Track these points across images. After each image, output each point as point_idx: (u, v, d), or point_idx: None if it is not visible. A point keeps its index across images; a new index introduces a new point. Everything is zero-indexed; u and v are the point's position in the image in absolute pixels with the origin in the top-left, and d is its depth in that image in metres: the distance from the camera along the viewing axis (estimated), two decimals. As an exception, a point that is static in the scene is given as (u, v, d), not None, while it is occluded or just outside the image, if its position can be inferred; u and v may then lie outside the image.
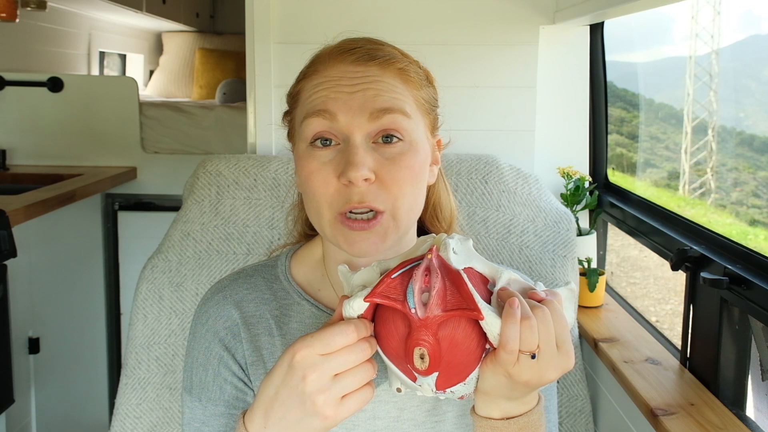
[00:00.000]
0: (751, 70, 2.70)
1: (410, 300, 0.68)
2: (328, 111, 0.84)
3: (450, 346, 0.68)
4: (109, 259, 2.96)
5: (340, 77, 0.86)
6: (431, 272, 0.69)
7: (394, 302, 0.69)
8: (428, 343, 0.68)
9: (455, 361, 0.69)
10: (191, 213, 1.35)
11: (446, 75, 1.60)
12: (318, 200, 0.84)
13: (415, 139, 0.86)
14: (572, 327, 0.71)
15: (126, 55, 4.58)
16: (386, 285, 0.70)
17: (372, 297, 0.70)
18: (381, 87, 0.85)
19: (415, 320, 0.68)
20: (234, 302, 0.93)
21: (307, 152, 0.86)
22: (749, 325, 1.10)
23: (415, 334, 0.68)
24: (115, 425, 1.30)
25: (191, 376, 0.92)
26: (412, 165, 0.85)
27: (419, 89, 0.90)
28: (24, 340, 2.32)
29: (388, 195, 0.83)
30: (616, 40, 1.76)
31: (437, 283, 0.68)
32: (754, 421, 1.05)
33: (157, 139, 3.10)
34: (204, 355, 0.91)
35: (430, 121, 0.92)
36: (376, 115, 0.83)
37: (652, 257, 2.76)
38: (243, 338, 0.91)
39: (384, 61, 0.87)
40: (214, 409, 0.90)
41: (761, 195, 2.49)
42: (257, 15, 1.58)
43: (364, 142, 0.83)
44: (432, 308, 0.67)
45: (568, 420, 1.33)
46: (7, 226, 1.91)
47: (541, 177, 1.49)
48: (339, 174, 0.82)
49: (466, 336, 0.69)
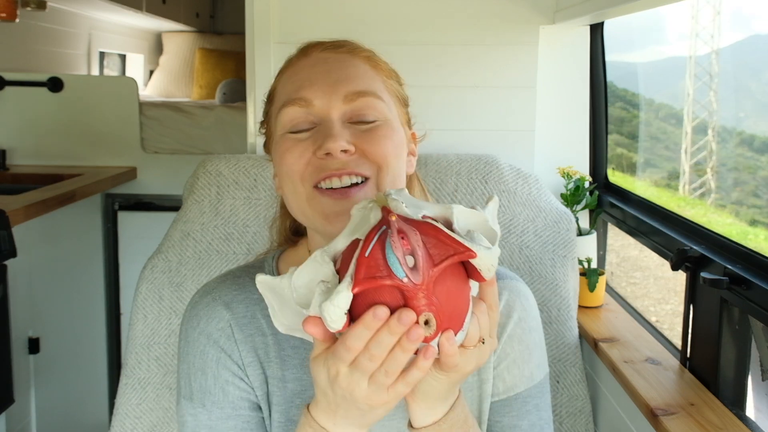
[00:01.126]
0: (751, 70, 2.70)
1: (398, 270, 0.62)
2: (303, 98, 0.85)
3: (448, 299, 0.65)
4: (109, 259, 2.96)
5: (312, 65, 0.88)
6: (406, 233, 0.63)
7: (383, 279, 0.62)
8: (430, 305, 0.63)
9: (455, 311, 0.66)
10: (191, 213, 1.35)
11: (446, 75, 1.60)
12: (293, 177, 0.84)
13: (390, 119, 0.87)
14: (498, 236, 0.70)
15: (126, 55, 4.58)
16: (366, 266, 0.62)
17: (360, 284, 0.62)
18: (353, 72, 0.87)
19: (411, 288, 0.62)
20: (224, 303, 0.91)
21: (283, 137, 0.86)
22: (749, 325, 1.10)
23: (413, 303, 0.63)
24: (115, 425, 1.30)
25: (190, 382, 0.89)
26: (392, 137, 0.85)
27: (389, 78, 0.91)
28: (24, 340, 2.32)
29: (371, 164, 0.83)
30: (616, 40, 1.76)
31: (419, 242, 0.63)
32: (754, 421, 1.05)
33: (157, 139, 3.10)
34: (201, 359, 0.89)
35: (403, 113, 0.93)
36: (351, 98, 0.85)
37: (652, 257, 2.76)
38: (237, 339, 0.90)
39: (351, 49, 0.90)
40: (220, 412, 0.87)
41: (761, 195, 2.49)
42: (257, 15, 1.58)
43: (340, 120, 0.84)
44: (424, 268, 0.63)
45: (568, 420, 1.33)
46: (7, 226, 1.91)
47: (541, 177, 1.49)
48: (316, 148, 0.82)
49: (456, 282, 0.66)
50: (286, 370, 0.89)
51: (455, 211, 0.68)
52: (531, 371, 0.92)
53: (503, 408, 0.91)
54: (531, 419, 0.91)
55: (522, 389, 0.91)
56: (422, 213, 0.67)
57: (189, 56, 4.66)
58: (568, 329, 1.34)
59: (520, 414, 0.90)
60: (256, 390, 0.90)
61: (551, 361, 1.34)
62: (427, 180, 1.36)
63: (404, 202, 0.67)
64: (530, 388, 0.92)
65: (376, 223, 0.66)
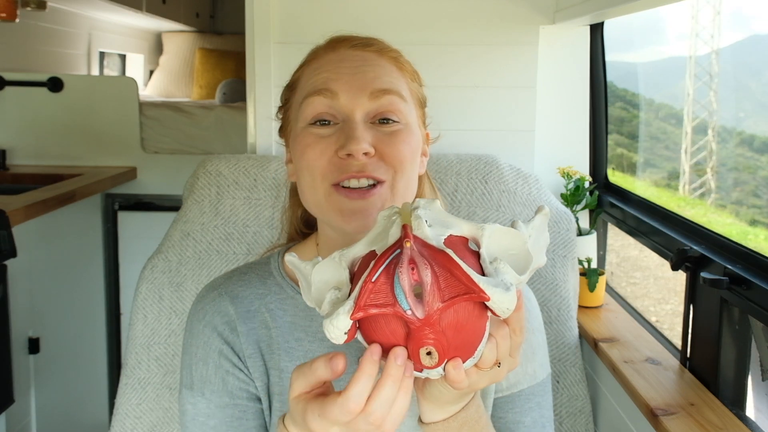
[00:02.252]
0: (751, 70, 2.70)
1: (402, 302, 0.60)
2: (329, 90, 0.87)
3: (455, 332, 0.62)
4: (109, 259, 2.96)
5: (340, 60, 0.89)
6: (417, 263, 0.61)
7: (385, 308, 0.61)
8: (434, 339, 0.61)
9: (463, 343, 0.63)
10: (191, 213, 1.35)
11: (446, 75, 1.60)
12: (313, 172, 0.86)
13: (410, 122, 0.89)
14: (546, 244, 0.68)
15: (126, 55, 4.58)
16: (369, 292, 0.61)
17: (359, 311, 0.61)
18: (379, 71, 0.89)
19: (414, 321, 0.60)
20: (229, 298, 0.93)
21: (306, 130, 0.88)
22: (749, 325, 1.10)
23: (416, 335, 0.61)
24: (115, 425, 1.30)
25: (191, 372, 0.92)
26: (410, 142, 0.87)
27: (412, 80, 0.94)
28: (24, 340, 2.32)
29: (388, 167, 0.85)
30: (616, 40, 1.76)
31: (428, 276, 0.60)
32: (754, 421, 1.05)
33: (157, 139, 3.10)
34: (203, 350, 0.92)
35: (421, 114, 0.95)
36: (376, 95, 0.87)
37: (652, 257, 2.76)
38: (240, 332, 0.92)
39: (379, 48, 0.92)
40: (218, 400, 0.90)
41: (761, 195, 2.49)
42: (257, 15, 1.58)
43: (363, 120, 0.86)
44: (430, 304, 0.60)
45: (568, 420, 1.33)
46: (7, 226, 1.91)
47: (541, 177, 1.49)
48: (338, 148, 0.84)
49: (468, 315, 0.62)
50: (289, 361, 0.91)
51: (486, 232, 0.65)
52: (534, 370, 0.94)
53: (507, 404, 0.92)
54: (533, 416, 0.92)
55: (525, 386, 0.93)
56: (449, 232, 0.64)
57: (189, 56, 4.66)
58: (568, 329, 1.34)
59: (523, 411, 0.92)
60: (256, 381, 0.92)
61: (551, 361, 1.34)
62: (427, 180, 1.35)
63: (429, 221, 0.64)
64: (533, 386, 0.93)
65: (393, 241, 0.64)
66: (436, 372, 0.64)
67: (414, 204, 0.65)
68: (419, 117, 0.94)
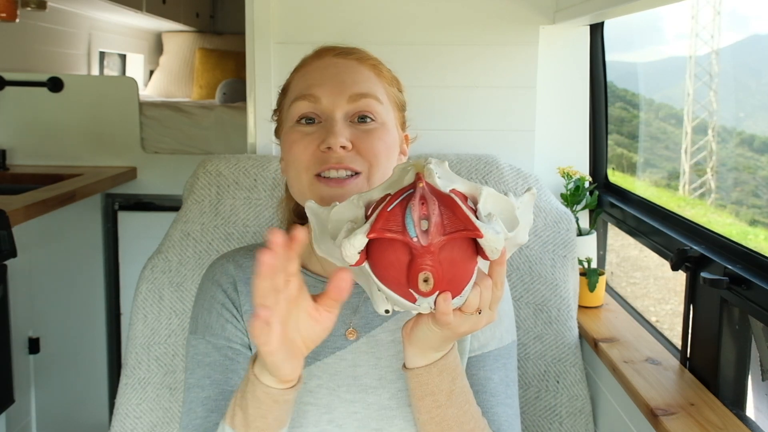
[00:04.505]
0: (751, 70, 2.70)
1: (411, 230, 0.71)
2: (313, 95, 0.99)
3: (450, 266, 0.73)
4: (109, 259, 2.96)
5: (324, 67, 1.02)
6: (427, 200, 0.72)
7: (396, 234, 0.72)
8: (432, 267, 0.72)
9: (455, 278, 0.74)
10: (191, 213, 1.35)
11: (446, 75, 1.60)
12: (298, 165, 0.97)
13: (386, 122, 1.00)
14: (530, 225, 0.80)
15: (126, 55, 4.58)
16: (385, 218, 0.72)
17: (374, 232, 0.72)
18: (358, 77, 1.01)
19: (418, 248, 0.71)
20: (235, 264, 1.07)
21: (293, 128, 1.00)
22: (749, 325, 1.10)
23: (418, 261, 0.72)
24: (115, 425, 1.30)
25: (197, 320, 1.05)
26: (385, 139, 0.98)
27: (390, 85, 1.05)
28: (24, 340, 2.32)
29: (364, 161, 0.96)
30: (616, 40, 1.76)
31: (435, 211, 0.72)
32: (754, 421, 1.05)
33: (157, 139, 3.10)
34: (208, 301, 1.05)
35: (399, 117, 1.06)
36: (354, 98, 0.98)
37: (652, 257, 2.76)
38: (240, 291, 1.05)
39: (360, 57, 1.04)
40: (216, 342, 1.02)
41: (761, 195, 2.49)
42: (257, 15, 1.58)
43: (342, 119, 0.97)
44: (433, 234, 0.71)
45: (568, 420, 1.33)
46: (7, 226, 1.91)
47: (541, 177, 1.49)
48: (319, 142, 0.96)
49: (462, 254, 0.74)
50: None
51: (484, 192, 0.76)
52: (501, 334, 1.05)
53: (478, 363, 1.03)
54: (500, 375, 1.03)
55: (493, 348, 1.04)
56: (452, 186, 0.75)
57: (189, 56, 4.65)
58: (568, 329, 1.34)
59: (493, 369, 1.03)
60: (249, 333, 1.02)
61: (551, 361, 1.34)
62: (427, 180, 1.36)
63: (438, 173, 0.75)
64: (500, 348, 1.04)
65: (407, 184, 0.75)
66: (427, 304, 0.75)
67: (427, 160, 0.77)
68: (397, 119, 1.04)
